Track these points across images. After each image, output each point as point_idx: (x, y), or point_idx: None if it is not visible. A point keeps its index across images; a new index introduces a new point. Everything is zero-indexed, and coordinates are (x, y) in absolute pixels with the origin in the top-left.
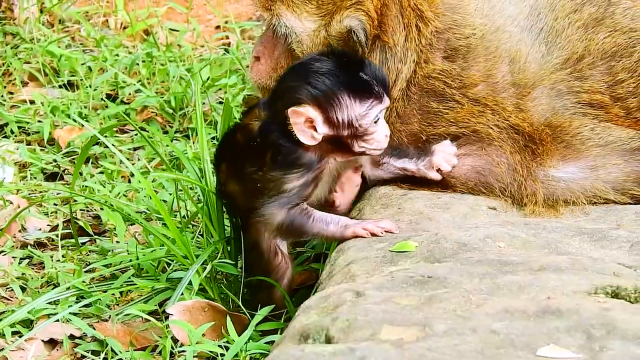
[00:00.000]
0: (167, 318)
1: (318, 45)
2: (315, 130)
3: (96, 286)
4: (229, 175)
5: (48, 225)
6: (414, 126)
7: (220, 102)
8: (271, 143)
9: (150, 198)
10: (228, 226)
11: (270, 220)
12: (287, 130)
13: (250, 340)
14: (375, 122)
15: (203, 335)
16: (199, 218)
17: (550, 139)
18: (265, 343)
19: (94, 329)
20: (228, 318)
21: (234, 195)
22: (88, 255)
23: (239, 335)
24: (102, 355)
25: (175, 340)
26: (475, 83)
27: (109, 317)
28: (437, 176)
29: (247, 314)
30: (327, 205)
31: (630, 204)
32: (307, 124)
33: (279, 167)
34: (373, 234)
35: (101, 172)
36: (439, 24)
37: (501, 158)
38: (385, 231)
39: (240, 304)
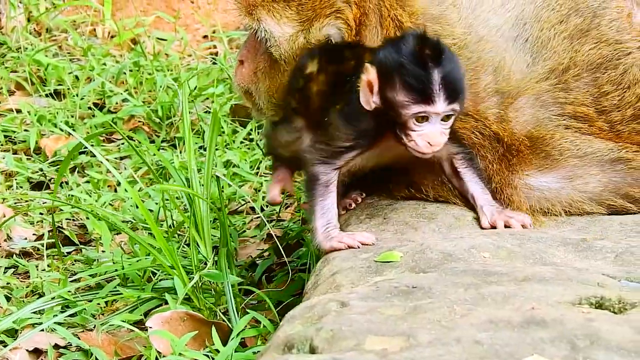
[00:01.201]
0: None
1: (296, 51)
2: (372, 96)
3: (81, 296)
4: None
5: (34, 234)
6: None
7: (208, 112)
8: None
9: (137, 207)
10: (214, 235)
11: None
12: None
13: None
14: (419, 122)
15: (185, 345)
16: (185, 227)
17: (529, 150)
18: (250, 352)
19: (78, 338)
20: (213, 328)
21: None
22: (74, 264)
23: (224, 345)
24: None
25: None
26: None
27: (94, 327)
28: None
29: (227, 322)
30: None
31: (606, 214)
32: (369, 85)
33: (343, 117)
34: (350, 247)
35: (87, 182)
36: None
37: (480, 164)
38: (363, 244)
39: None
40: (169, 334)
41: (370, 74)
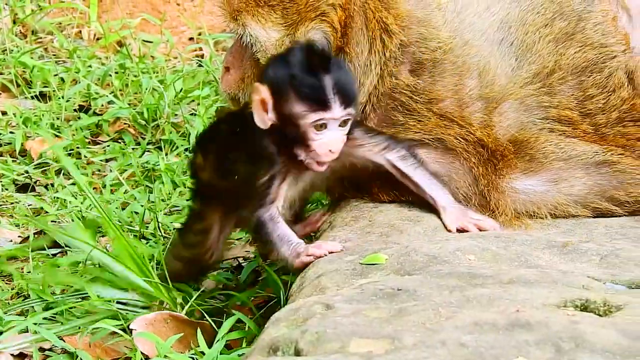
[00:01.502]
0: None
1: None
2: (267, 113)
3: (67, 297)
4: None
5: (19, 236)
6: None
7: (193, 114)
8: (244, 131)
9: (123, 210)
10: None
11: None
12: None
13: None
14: (319, 130)
15: (170, 347)
16: (171, 230)
17: (513, 154)
18: (235, 355)
19: (63, 341)
20: (198, 330)
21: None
22: (58, 267)
23: (208, 346)
24: None
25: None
26: (442, 98)
27: (79, 329)
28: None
29: (212, 323)
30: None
31: (592, 217)
32: (262, 104)
33: (250, 160)
34: (319, 257)
35: (73, 184)
36: (404, 37)
37: (465, 168)
38: (330, 252)
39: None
40: (153, 336)
41: (261, 92)
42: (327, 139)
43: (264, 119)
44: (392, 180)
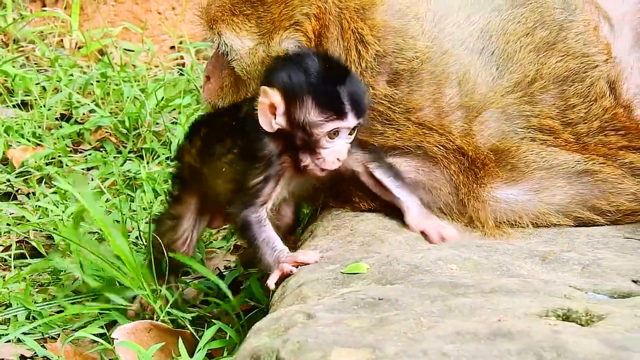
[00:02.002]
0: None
1: (257, 64)
2: (275, 117)
3: (47, 305)
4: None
5: (0, 245)
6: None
7: (175, 123)
8: (241, 127)
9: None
10: None
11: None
12: (256, 116)
13: None
14: (331, 139)
15: (152, 356)
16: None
17: (494, 163)
18: None
19: (45, 349)
20: (180, 339)
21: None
22: (40, 275)
23: (190, 355)
24: None
25: None
26: (420, 107)
27: (58, 336)
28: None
29: (193, 332)
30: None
31: (573, 226)
32: (270, 108)
33: (243, 157)
34: (302, 264)
35: (54, 192)
36: (380, 47)
37: (445, 176)
38: (305, 264)
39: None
40: (135, 345)
41: (271, 96)
42: (337, 147)
43: (270, 122)
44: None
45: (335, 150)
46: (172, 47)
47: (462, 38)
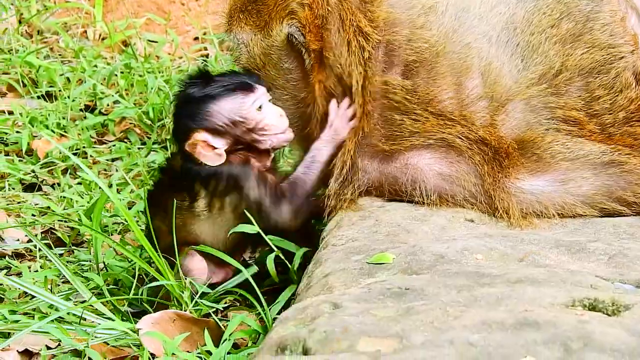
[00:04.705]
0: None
1: (260, 55)
2: (214, 148)
3: (72, 295)
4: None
5: (26, 235)
6: (378, 140)
7: None
8: (207, 183)
9: (129, 209)
10: None
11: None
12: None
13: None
14: (259, 110)
15: (177, 346)
16: None
17: (518, 153)
18: (242, 354)
19: (70, 338)
20: (206, 330)
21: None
22: (66, 265)
23: (214, 345)
24: None
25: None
26: (439, 99)
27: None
28: None
29: (218, 322)
30: None
31: (599, 217)
32: (206, 148)
33: (234, 193)
34: None
35: (79, 183)
36: (385, 38)
37: (470, 166)
38: None
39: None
40: (161, 334)
41: (199, 137)
42: (268, 110)
43: (216, 155)
44: None
45: (270, 113)
46: (196, 38)
47: (485, 30)
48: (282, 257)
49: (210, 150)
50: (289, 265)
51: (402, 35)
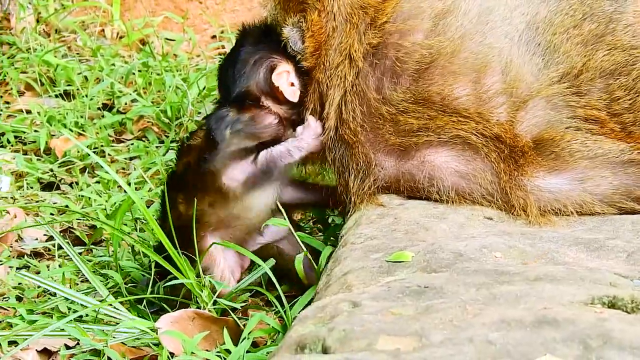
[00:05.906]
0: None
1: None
2: (293, 85)
3: (92, 295)
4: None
5: (44, 235)
6: (391, 139)
7: None
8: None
9: (148, 207)
10: None
11: None
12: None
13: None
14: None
15: (196, 345)
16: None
17: (534, 151)
18: (261, 353)
19: (89, 338)
20: (225, 328)
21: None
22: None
23: (234, 344)
24: None
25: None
26: (454, 96)
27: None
28: None
29: (237, 321)
30: None
31: (617, 214)
32: (288, 81)
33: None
34: None
35: (97, 182)
36: (389, 41)
37: (486, 164)
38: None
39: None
40: (180, 333)
41: (283, 68)
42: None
43: (294, 92)
44: None
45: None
46: (214, 37)
47: (506, 30)
48: (310, 258)
49: (291, 86)
50: (315, 266)
51: (406, 36)
